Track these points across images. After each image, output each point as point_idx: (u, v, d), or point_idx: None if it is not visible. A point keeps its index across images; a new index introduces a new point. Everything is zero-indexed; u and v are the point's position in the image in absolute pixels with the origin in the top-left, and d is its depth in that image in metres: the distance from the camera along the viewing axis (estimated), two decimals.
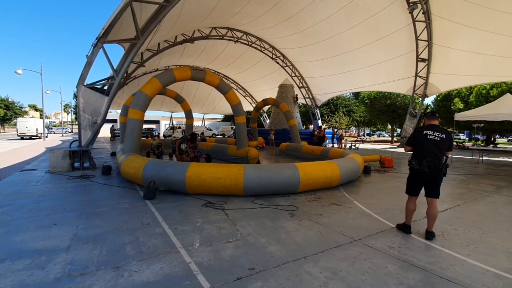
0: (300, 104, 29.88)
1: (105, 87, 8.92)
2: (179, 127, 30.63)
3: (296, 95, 24.49)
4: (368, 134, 53.81)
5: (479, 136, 29.77)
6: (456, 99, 20.82)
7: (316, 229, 3.97)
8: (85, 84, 8.58)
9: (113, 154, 12.86)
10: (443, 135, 3.63)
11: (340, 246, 3.43)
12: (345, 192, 6.24)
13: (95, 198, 5.46)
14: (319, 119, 28.19)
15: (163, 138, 29.45)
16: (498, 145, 21.62)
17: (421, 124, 22.41)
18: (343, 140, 19.45)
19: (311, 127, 29.35)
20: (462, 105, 20.27)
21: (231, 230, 3.85)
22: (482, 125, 13.36)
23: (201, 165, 5.73)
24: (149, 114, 44.04)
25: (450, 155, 3.73)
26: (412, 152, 3.90)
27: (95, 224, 4.02)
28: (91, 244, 3.35)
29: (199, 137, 13.36)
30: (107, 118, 9.58)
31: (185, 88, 30.91)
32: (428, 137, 3.66)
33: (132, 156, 7.05)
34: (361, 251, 3.30)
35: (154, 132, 30.67)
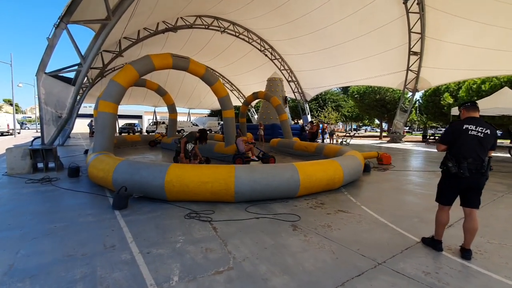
0: (289, 99, 29.15)
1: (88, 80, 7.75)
2: (163, 123, 29.18)
3: (286, 96, 23.74)
4: (354, 129, 54.02)
5: None
6: (446, 94, 20.72)
7: (328, 248, 3.17)
8: (46, 71, 7.37)
9: (87, 152, 11.61)
10: (488, 131, 2.90)
11: (363, 274, 2.65)
12: (350, 195, 5.50)
13: (52, 209, 4.44)
14: (308, 114, 27.59)
15: (145, 134, 28.00)
16: None
17: (408, 118, 22.23)
18: (334, 136, 18.90)
19: (300, 122, 28.73)
20: (452, 100, 20.19)
21: (221, 253, 2.99)
22: None
23: (183, 166, 4.80)
24: (131, 109, 42.05)
25: (492, 155, 2.99)
26: (446, 152, 3.16)
27: (42, 249, 3.05)
28: (28, 283, 2.41)
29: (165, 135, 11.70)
30: (86, 112, 8.38)
31: (169, 81, 29.39)
32: (470, 133, 2.92)
33: (102, 156, 6.01)
34: (392, 281, 2.53)
35: (136, 128, 29.10)
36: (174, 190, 4.56)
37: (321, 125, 22.49)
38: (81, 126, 31.06)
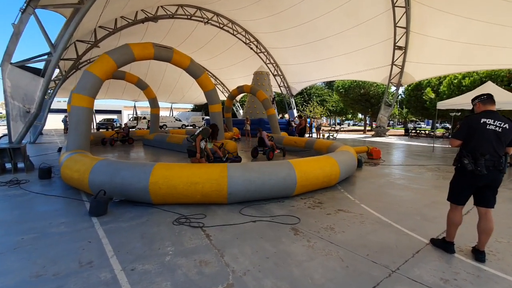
0: (275, 93, 28.87)
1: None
2: (144, 118, 28.01)
3: (274, 97, 23.44)
4: (338, 124, 54.77)
5: (445, 125, 31.21)
6: (428, 89, 21.21)
7: (335, 254, 2.89)
8: (12, 62, 6.58)
9: (61, 150, 10.76)
10: (506, 125, 2.69)
11: (380, 285, 2.38)
12: (347, 193, 5.28)
13: (21, 217, 3.88)
14: (294, 108, 27.46)
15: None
16: None
17: (394, 112, 22.56)
18: (320, 130, 18.86)
19: (286, 116, 28.57)
20: (434, 94, 20.68)
21: (218, 266, 2.62)
22: (460, 113, 13.37)
23: (170, 166, 4.36)
24: (109, 103, 40.23)
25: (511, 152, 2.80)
26: (459, 148, 2.94)
27: (7, 268, 2.57)
28: None
29: (122, 130, 10.89)
30: (60, 107, 7.58)
31: (150, 73, 28.15)
32: (488, 127, 2.70)
33: (76, 155, 5.42)
34: None
35: (115, 123, 27.74)
36: (161, 192, 4.12)
37: (308, 120, 22.42)
38: (55, 122, 29.29)
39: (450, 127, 25.64)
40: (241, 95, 29.07)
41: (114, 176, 4.29)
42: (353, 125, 59.32)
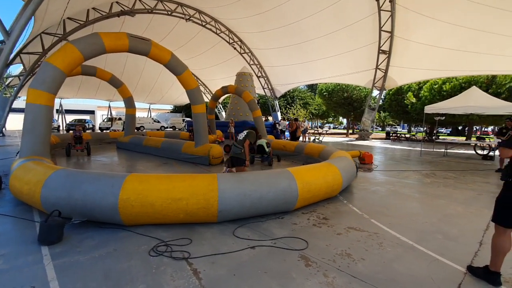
0: (257, 95, 28.31)
1: None
2: (119, 119, 26.28)
3: (259, 99, 22.87)
4: (320, 127, 55.29)
5: (422, 128, 32.04)
6: (409, 93, 21.58)
7: None
8: None
9: None
10: None
11: None
12: (351, 205, 4.69)
13: None
14: (278, 111, 27.03)
15: (99, 131, 25.02)
16: (439, 137, 23.19)
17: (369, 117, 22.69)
18: (306, 133, 18.47)
19: (270, 118, 28.08)
20: (415, 99, 21.06)
21: None
22: (444, 117, 13.47)
23: (146, 178, 3.53)
24: (82, 103, 37.72)
25: None
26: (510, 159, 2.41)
27: None
28: None
29: (77, 133, 9.78)
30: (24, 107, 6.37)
31: (126, 72, 26.50)
32: None
33: (30, 162, 4.42)
34: None
35: (87, 124, 25.81)
36: (133, 211, 3.28)
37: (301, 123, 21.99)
38: (19, 123, 26.79)
39: (423, 130, 26.31)
40: (223, 96, 28.25)
41: (74, 190, 3.39)
42: (333, 128, 60.16)
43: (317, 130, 30.94)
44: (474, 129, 33.21)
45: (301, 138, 18.02)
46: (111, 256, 2.76)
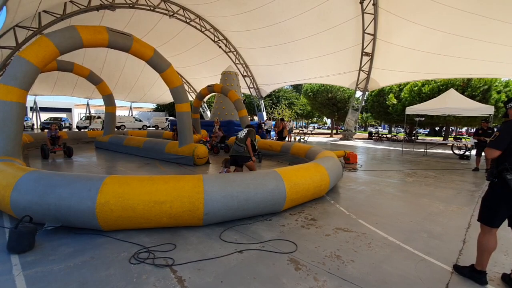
0: (243, 94, 28.17)
1: None
2: (99, 117, 25.25)
3: (245, 99, 22.70)
4: (305, 127, 55.94)
5: (401, 129, 33.09)
6: (391, 95, 22.19)
7: None
8: None
9: None
10: None
11: None
12: (338, 205, 4.69)
13: None
14: (263, 110, 27.01)
15: (76, 130, 23.94)
16: (418, 138, 24.05)
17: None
18: (292, 133, 18.55)
19: (256, 118, 28.00)
20: (396, 100, 21.68)
21: None
22: (423, 118, 13.93)
23: (126, 180, 3.33)
24: (58, 101, 35.99)
25: None
26: (495, 160, 2.44)
27: None
28: None
29: (53, 132, 9.18)
30: None
31: (106, 68, 25.48)
32: None
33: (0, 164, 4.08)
34: None
35: (63, 123, 24.61)
36: (113, 216, 3.08)
37: (273, 123, 22.04)
38: None
39: (403, 130, 27.18)
40: (208, 96, 27.90)
41: (47, 194, 3.14)
42: (318, 128, 61.04)
43: (302, 130, 31.25)
44: (450, 129, 34.73)
45: (286, 138, 18.08)
46: (88, 265, 2.56)
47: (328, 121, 56.11)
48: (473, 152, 10.93)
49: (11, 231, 2.70)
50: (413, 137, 23.54)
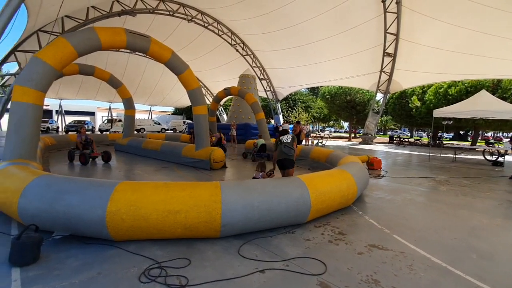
0: (260, 98, 27.97)
1: None
2: (120, 120, 25.86)
3: (261, 102, 22.57)
4: (320, 130, 54.86)
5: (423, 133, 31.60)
6: (414, 97, 21.20)
7: None
8: None
9: None
10: None
11: None
12: (367, 216, 4.24)
13: None
14: (280, 114, 26.63)
15: (98, 133, 24.59)
16: (443, 142, 22.74)
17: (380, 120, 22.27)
18: (309, 137, 18.06)
19: (272, 121, 27.69)
20: (419, 103, 20.66)
21: None
22: (451, 122, 13.05)
23: (139, 187, 3.09)
24: (82, 104, 37.38)
25: None
26: None
27: None
28: None
29: (84, 136, 8.62)
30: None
31: (128, 73, 26.16)
32: None
33: (12, 167, 3.98)
34: None
35: (87, 126, 25.39)
36: (124, 226, 2.84)
37: (291, 126, 21.60)
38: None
39: (426, 134, 25.84)
40: (225, 98, 27.92)
41: (56, 201, 2.95)
42: (334, 131, 59.75)
43: (319, 134, 30.55)
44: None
45: (303, 142, 17.59)
46: (94, 282, 2.31)
47: (345, 124, 54.78)
48: (508, 158, 10.03)
49: (14, 243, 2.51)
50: (437, 141, 22.32)
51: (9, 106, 15.46)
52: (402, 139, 24.19)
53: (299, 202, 3.46)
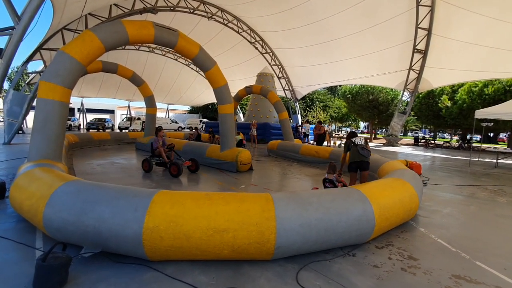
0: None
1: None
2: (139, 118, 26.00)
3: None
4: (338, 130, 53.50)
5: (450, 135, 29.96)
6: (444, 97, 19.96)
7: None
8: None
9: None
10: None
11: None
12: (434, 236, 3.62)
13: None
14: (298, 113, 25.94)
15: (118, 131, 24.84)
16: (472, 144, 21.31)
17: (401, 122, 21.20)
18: (332, 137, 17.33)
19: (291, 121, 27.03)
20: (450, 102, 19.42)
21: None
22: (492, 124, 12.01)
23: (179, 198, 2.64)
24: (102, 102, 38.04)
25: None
26: None
27: None
28: None
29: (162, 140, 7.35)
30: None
31: (146, 71, 26.21)
32: None
33: (38, 168, 3.67)
34: None
35: (107, 124, 25.68)
36: (163, 245, 2.41)
37: (312, 126, 20.88)
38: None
39: (453, 137, 24.38)
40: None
41: (85, 213, 2.56)
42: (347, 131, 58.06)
43: (337, 134, 29.58)
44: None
45: (325, 143, 16.89)
46: None
47: (362, 125, 53.09)
48: None
49: (39, 265, 2.11)
50: (467, 144, 20.94)
51: (34, 103, 15.63)
52: (428, 140, 22.91)
53: (362, 219, 2.91)
